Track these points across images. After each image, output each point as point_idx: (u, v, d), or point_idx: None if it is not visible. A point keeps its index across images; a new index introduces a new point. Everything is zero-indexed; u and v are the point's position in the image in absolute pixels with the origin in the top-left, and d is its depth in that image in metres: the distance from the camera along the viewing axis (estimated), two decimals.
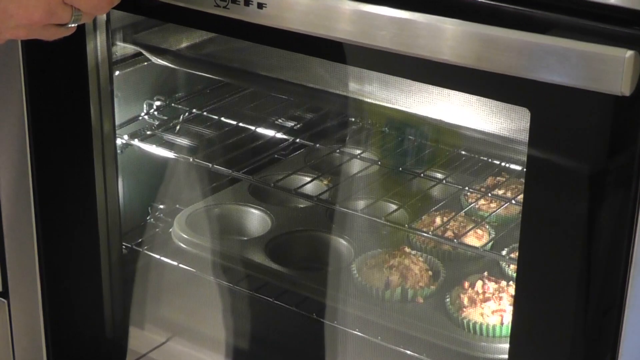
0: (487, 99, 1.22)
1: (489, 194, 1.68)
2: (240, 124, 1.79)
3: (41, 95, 1.52)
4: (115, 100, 1.55)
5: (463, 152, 1.75)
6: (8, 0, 1.15)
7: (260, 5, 1.18)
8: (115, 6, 1.23)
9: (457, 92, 1.29)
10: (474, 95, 1.23)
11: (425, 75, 1.18)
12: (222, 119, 1.80)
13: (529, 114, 1.10)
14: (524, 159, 1.13)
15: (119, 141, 1.64)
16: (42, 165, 1.56)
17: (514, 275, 1.35)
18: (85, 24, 1.40)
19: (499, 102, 1.20)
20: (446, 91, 1.33)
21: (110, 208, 1.58)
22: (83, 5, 1.20)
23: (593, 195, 1.10)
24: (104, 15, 1.45)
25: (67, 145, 1.54)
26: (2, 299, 1.69)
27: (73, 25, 1.22)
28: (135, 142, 1.72)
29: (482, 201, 1.69)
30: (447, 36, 1.08)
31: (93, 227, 1.57)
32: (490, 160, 1.74)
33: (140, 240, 1.75)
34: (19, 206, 1.60)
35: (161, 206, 1.83)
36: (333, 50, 1.20)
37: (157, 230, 1.80)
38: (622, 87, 1.00)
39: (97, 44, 1.46)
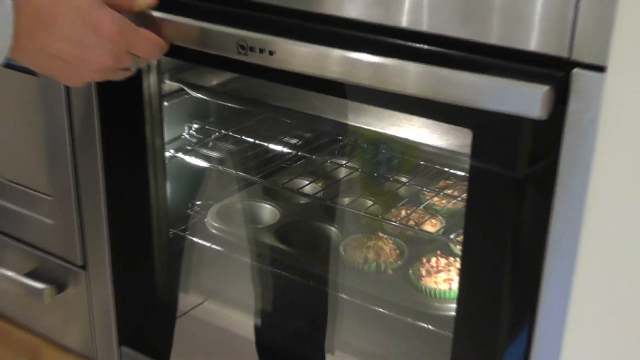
0: (440, 122, 1.21)
1: (441, 193, 1.67)
2: (257, 141, 1.78)
3: (110, 122, 1.51)
4: (164, 123, 1.53)
5: (422, 162, 1.74)
6: (88, 50, 1.14)
7: (271, 53, 1.17)
8: (164, 53, 1.23)
9: (418, 117, 1.28)
10: (430, 119, 1.22)
11: (395, 104, 1.17)
12: (243, 137, 1.78)
13: (472, 133, 1.09)
14: (467, 167, 1.12)
15: (167, 154, 1.62)
16: (110, 173, 1.55)
17: (460, 253, 1.34)
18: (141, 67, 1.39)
19: (449, 125, 1.19)
20: (410, 116, 1.32)
21: (160, 204, 1.56)
22: (141, 53, 1.20)
23: (519, 196, 1.10)
24: (156, 61, 1.44)
25: (129, 158, 1.53)
26: (84, 271, 1.68)
27: (134, 69, 1.21)
28: (179, 154, 1.71)
29: (436, 198, 1.68)
30: (411, 75, 1.07)
31: (147, 218, 1.56)
32: (442, 168, 1.73)
33: (183, 227, 1.74)
34: (95, 205, 1.60)
35: (198, 202, 1.81)
36: (326, 86, 1.19)
37: (195, 220, 1.79)
38: (541, 112, 1.00)
39: (150, 82, 1.44)
